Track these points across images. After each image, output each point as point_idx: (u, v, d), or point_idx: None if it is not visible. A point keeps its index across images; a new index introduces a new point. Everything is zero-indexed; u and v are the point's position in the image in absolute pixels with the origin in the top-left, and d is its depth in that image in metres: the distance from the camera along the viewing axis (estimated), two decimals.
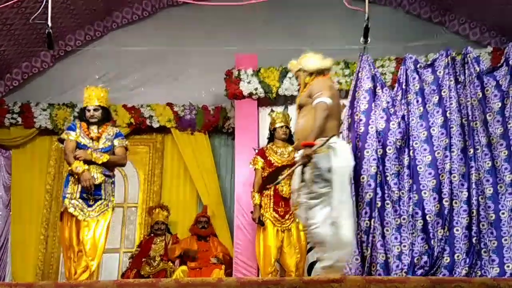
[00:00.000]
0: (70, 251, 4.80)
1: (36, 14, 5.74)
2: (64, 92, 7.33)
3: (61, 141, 5.08)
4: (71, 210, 4.75)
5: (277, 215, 5.41)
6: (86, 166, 4.75)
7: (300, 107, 4.22)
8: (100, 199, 4.83)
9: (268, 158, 5.59)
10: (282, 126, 5.69)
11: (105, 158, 4.86)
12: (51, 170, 7.07)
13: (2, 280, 6.64)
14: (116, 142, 5.04)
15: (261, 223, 5.40)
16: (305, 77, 4.29)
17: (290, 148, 5.70)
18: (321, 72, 4.28)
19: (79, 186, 4.77)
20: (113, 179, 5.02)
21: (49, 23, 5.11)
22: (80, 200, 4.77)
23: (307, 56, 4.36)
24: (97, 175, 4.81)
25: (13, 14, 6.20)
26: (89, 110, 5.00)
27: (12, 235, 6.84)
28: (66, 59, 7.54)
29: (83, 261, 4.74)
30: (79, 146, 4.90)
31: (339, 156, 3.94)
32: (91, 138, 4.94)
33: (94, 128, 4.99)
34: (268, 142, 5.79)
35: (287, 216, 5.42)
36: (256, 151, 5.86)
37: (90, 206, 4.79)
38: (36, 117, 7.00)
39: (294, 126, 4.24)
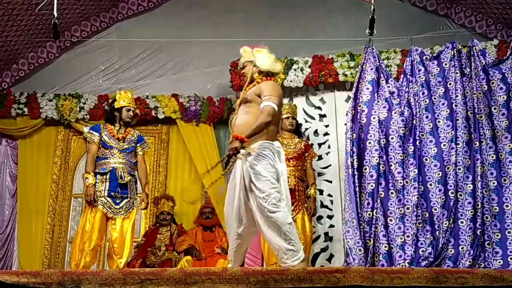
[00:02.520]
0: (86, 243, 4.95)
1: (42, 4, 5.76)
2: (70, 83, 7.38)
3: (85, 139, 5.29)
4: (100, 207, 4.98)
5: None
6: (94, 181, 4.97)
7: (245, 101, 4.18)
8: (127, 197, 5.09)
9: None
10: (288, 117, 5.72)
11: (146, 191, 5.32)
12: (57, 160, 7.11)
13: (9, 268, 6.70)
14: (139, 148, 5.34)
15: None
16: (255, 72, 4.24)
17: (297, 139, 5.73)
18: (270, 74, 4.26)
19: (107, 184, 5.04)
20: (136, 179, 5.29)
21: (55, 13, 5.14)
22: (108, 198, 5.01)
23: (262, 52, 4.29)
24: (124, 175, 5.08)
25: (19, 5, 6.21)
26: (129, 110, 5.28)
27: (19, 224, 6.89)
28: (72, 50, 7.57)
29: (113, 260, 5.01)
30: (104, 146, 5.15)
31: (283, 162, 4.07)
32: (118, 139, 5.18)
33: (122, 129, 5.26)
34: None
35: (292, 207, 5.44)
36: None
37: (117, 204, 5.04)
38: (42, 108, 7.03)
39: (235, 119, 4.21)
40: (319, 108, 6.43)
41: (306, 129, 6.36)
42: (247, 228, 4.09)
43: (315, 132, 6.36)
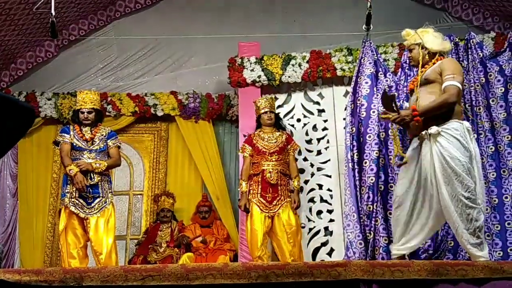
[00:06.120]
0: (71, 245, 4.94)
1: (39, 4, 5.76)
2: (68, 81, 7.38)
3: (56, 143, 5.21)
4: (72, 208, 4.93)
5: (264, 201, 5.42)
6: (78, 169, 4.88)
7: (427, 82, 4.02)
8: (99, 196, 5.00)
9: (256, 145, 5.61)
10: (266, 112, 5.70)
11: (103, 166, 5.01)
12: (57, 158, 7.10)
13: (11, 267, 6.71)
14: (110, 142, 5.18)
15: (246, 211, 5.46)
16: (424, 54, 4.12)
17: (278, 133, 5.70)
18: (441, 54, 4.16)
19: None
20: (109, 178, 5.19)
21: (53, 12, 5.14)
22: (80, 199, 4.95)
23: (429, 33, 4.18)
24: (93, 175, 4.98)
25: (16, 4, 6.21)
26: (83, 113, 5.14)
27: (20, 223, 6.91)
28: (70, 49, 7.57)
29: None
30: (74, 148, 5.05)
31: (474, 141, 3.92)
32: (86, 140, 5.07)
33: (87, 130, 5.12)
34: (256, 128, 5.82)
35: (274, 202, 5.42)
36: (246, 137, 5.90)
37: (89, 204, 4.96)
38: (41, 107, 7.03)
39: (416, 100, 4.03)
40: (318, 103, 6.44)
41: (305, 124, 6.37)
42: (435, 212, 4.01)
43: (314, 127, 6.36)
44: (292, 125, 6.32)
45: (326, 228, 6.07)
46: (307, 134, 6.31)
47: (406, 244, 4.13)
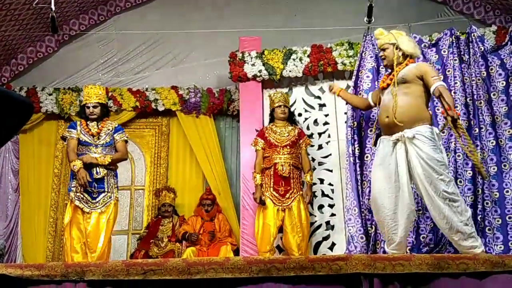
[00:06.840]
0: (75, 239, 4.95)
1: None
2: (69, 77, 7.38)
3: (64, 138, 5.25)
4: (76, 203, 4.95)
5: (277, 194, 5.46)
6: (82, 165, 4.90)
7: (403, 81, 4.17)
8: (104, 191, 5.02)
9: (267, 138, 5.65)
10: (280, 106, 5.74)
11: (108, 158, 5.04)
12: (59, 154, 7.13)
13: (13, 262, 6.71)
14: (117, 136, 5.20)
15: (262, 203, 5.48)
16: (398, 55, 4.29)
17: (290, 127, 5.73)
18: (412, 56, 4.33)
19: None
20: (115, 173, 5.21)
21: (53, 7, 5.14)
22: (85, 194, 4.96)
23: (403, 35, 4.34)
24: (99, 170, 5.01)
25: None
26: (88, 107, 5.17)
27: (22, 218, 6.92)
28: (70, 44, 7.56)
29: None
30: (81, 143, 5.08)
31: (442, 147, 4.17)
32: (92, 135, 5.10)
33: (93, 125, 5.15)
34: (269, 122, 5.85)
35: (287, 195, 5.46)
36: (258, 131, 5.92)
37: (94, 198, 4.98)
38: (42, 102, 7.03)
39: (388, 100, 4.20)
40: (319, 97, 6.43)
41: (306, 118, 6.36)
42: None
43: (315, 121, 6.36)
44: None
45: (327, 223, 6.07)
46: (308, 128, 6.30)
47: (398, 250, 4.22)
